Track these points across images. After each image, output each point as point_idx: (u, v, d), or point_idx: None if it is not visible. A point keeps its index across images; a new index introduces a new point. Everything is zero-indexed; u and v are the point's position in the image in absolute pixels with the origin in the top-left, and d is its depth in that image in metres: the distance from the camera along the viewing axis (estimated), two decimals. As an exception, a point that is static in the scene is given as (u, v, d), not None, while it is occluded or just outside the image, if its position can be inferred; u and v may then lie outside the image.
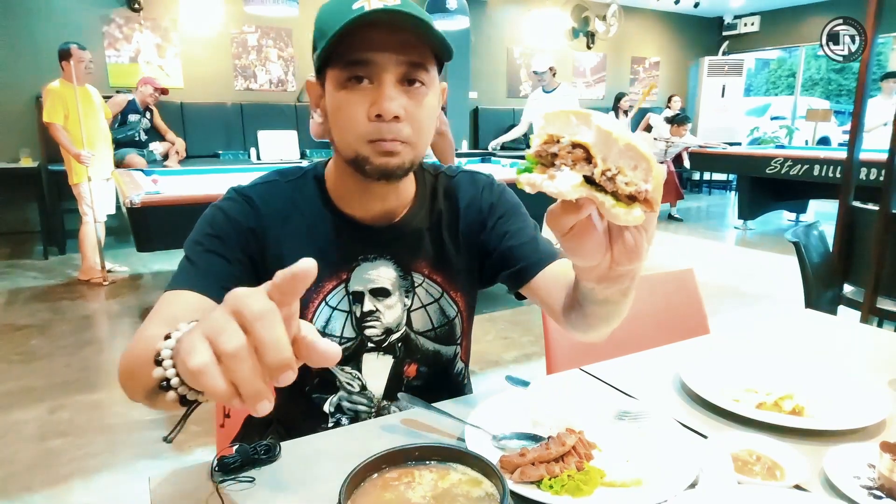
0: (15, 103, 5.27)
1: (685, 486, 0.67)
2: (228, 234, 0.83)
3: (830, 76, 19.73)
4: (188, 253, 0.82)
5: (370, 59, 0.74)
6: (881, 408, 0.86)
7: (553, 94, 5.01)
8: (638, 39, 9.22)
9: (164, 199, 2.38)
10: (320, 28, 0.77)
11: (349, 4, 0.73)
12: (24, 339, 3.22)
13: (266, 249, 0.85)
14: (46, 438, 2.24)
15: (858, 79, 2.58)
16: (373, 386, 0.95)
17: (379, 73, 0.75)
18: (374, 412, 0.96)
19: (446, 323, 0.96)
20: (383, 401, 0.96)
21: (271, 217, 0.86)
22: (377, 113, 0.75)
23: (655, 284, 1.51)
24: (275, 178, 0.90)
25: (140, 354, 0.62)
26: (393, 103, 0.74)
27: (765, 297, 4.19)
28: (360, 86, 0.76)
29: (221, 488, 0.69)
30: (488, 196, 0.97)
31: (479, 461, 0.60)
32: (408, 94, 0.77)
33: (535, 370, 2.19)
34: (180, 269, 0.80)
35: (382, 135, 0.76)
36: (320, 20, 0.78)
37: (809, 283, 2.30)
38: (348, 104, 0.76)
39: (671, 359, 1.09)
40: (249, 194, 0.86)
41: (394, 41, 0.74)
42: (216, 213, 0.85)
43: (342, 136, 0.79)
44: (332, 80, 0.78)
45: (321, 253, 0.85)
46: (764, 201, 6.64)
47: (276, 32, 6.44)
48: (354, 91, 0.76)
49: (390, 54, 0.74)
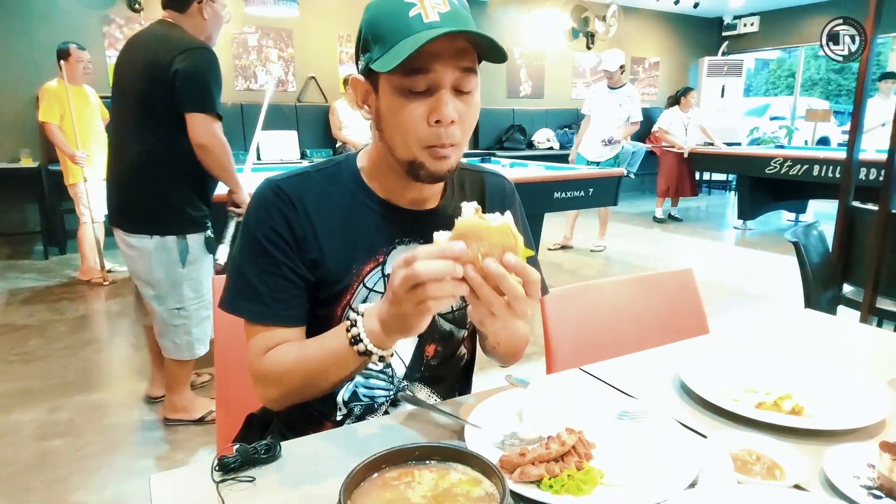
0: (15, 103, 5.26)
1: (685, 486, 0.67)
2: (279, 246, 0.87)
3: (830, 76, 19.73)
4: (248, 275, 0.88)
5: (431, 68, 0.77)
6: (881, 408, 0.86)
7: (618, 91, 5.18)
8: (638, 40, 9.21)
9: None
10: (375, 33, 0.80)
11: (405, 10, 0.77)
12: (23, 339, 3.22)
13: (305, 240, 0.89)
14: (46, 439, 2.24)
15: (858, 79, 2.58)
16: (395, 364, 0.98)
17: (437, 80, 0.78)
18: (392, 394, 0.98)
19: (463, 306, 1.00)
20: (403, 381, 0.98)
21: (305, 209, 0.89)
22: (437, 119, 0.79)
23: (655, 284, 1.51)
24: (307, 171, 0.94)
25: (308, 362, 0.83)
26: (450, 109, 0.79)
27: (765, 297, 4.19)
28: (416, 91, 0.79)
29: (221, 488, 0.69)
30: (510, 203, 1.06)
31: (479, 461, 0.60)
32: (460, 97, 0.81)
33: (535, 370, 2.18)
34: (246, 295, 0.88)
35: (440, 140, 0.81)
36: (374, 24, 0.80)
37: (809, 283, 2.30)
38: (408, 110, 0.80)
39: (671, 359, 1.09)
40: (284, 188, 0.89)
41: (451, 49, 0.78)
42: (259, 226, 0.88)
43: (400, 139, 0.83)
44: (390, 85, 0.80)
45: (359, 237, 0.91)
46: (764, 201, 6.65)
47: (276, 33, 6.44)
48: (413, 98, 0.79)
49: (447, 63, 0.78)
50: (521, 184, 3.64)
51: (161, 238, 2.08)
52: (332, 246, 0.89)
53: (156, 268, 2.12)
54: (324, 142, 6.50)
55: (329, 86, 6.73)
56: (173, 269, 2.12)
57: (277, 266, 0.87)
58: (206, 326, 2.25)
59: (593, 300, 1.42)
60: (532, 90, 8.38)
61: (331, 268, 0.89)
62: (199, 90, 1.98)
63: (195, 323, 2.23)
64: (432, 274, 0.65)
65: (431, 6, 0.77)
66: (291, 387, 0.86)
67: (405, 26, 0.76)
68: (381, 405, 0.98)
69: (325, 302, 0.91)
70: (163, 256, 2.10)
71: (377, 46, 0.79)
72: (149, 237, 2.08)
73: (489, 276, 0.65)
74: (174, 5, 2.11)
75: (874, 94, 6.07)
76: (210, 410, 2.37)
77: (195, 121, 1.98)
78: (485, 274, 0.65)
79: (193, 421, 2.34)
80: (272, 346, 0.87)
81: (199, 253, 2.16)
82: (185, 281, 2.16)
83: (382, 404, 0.98)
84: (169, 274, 2.13)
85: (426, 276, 0.65)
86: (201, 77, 1.99)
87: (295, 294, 0.89)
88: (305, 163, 4.10)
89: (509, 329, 0.96)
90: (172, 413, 2.34)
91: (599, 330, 1.40)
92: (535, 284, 0.68)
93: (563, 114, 8.46)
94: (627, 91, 5.20)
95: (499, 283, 0.66)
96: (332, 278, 0.90)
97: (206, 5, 2.12)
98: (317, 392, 0.86)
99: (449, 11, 0.78)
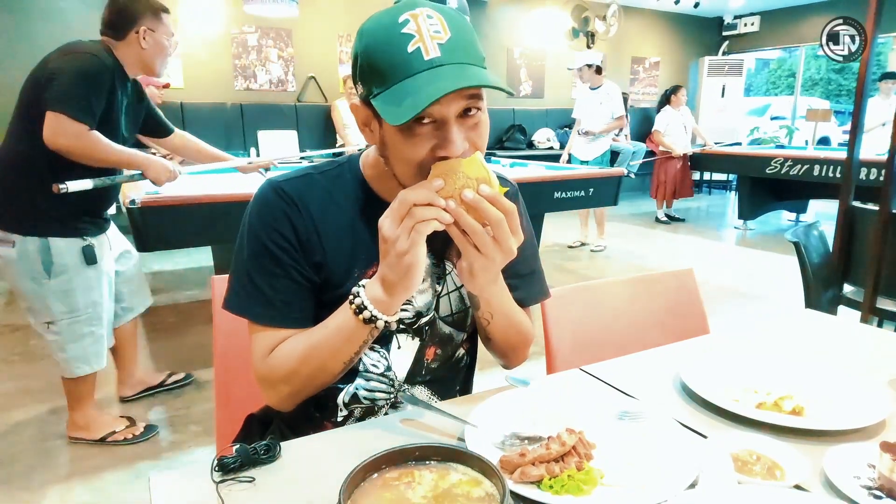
0: (14, 103, 5.26)
1: (685, 486, 0.67)
2: (285, 248, 0.87)
3: (830, 76, 19.72)
4: (253, 276, 0.87)
5: (434, 107, 0.73)
6: (881, 408, 0.86)
7: (598, 91, 5.32)
8: (638, 39, 9.21)
9: (165, 199, 2.38)
10: (373, 67, 0.76)
11: (403, 45, 0.73)
12: (23, 339, 3.22)
13: (309, 242, 0.88)
14: (46, 438, 2.24)
15: (858, 79, 2.58)
16: (397, 367, 0.97)
17: (443, 114, 0.75)
18: (392, 397, 0.98)
19: (463, 310, 1.00)
20: (404, 384, 0.98)
21: (308, 210, 0.89)
22: (444, 155, 0.76)
23: (655, 284, 1.51)
24: (309, 172, 0.93)
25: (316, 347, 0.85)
26: (458, 143, 0.76)
27: (765, 297, 4.19)
28: (422, 125, 0.76)
29: (221, 488, 0.69)
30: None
31: (479, 461, 0.60)
32: (466, 124, 0.78)
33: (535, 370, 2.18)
34: (254, 298, 0.87)
35: None
36: (372, 57, 0.76)
37: (809, 283, 2.30)
38: (413, 145, 0.77)
39: (671, 359, 1.09)
40: (287, 190, 0.89)
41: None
42: (263, 227, 0.88)
43: (406, 169, 0.80)
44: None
45: (361, 242, 0.90)
46: (764, 201, 6.64)
47: (276, 32, 6.44)
48: (418, 132, 0.76)
49: (452, 97, 0.73)
50: (521, 184, 3.64)
51: (22, 240, 1.92)
52: (335, 249, 0.89)
53: (19, 278, 1.97)
54: (324, 142, 6.50)
55: (329, 85, 6.73)
56: (38, 280, 1.96)
57: (284, 268, 0.87)
58: (85, 344, 2.08)
59: (593, 300, 1.42)
60: (532, 90, 8.38)
61: (333, 271, 0.89)
62: (63, 89, 1.83)
63: (69, 339, 2.05)
64: (419, 198, 0.73)
65: (430, 36, 0.73)
66: (302, 378, 0.86)
67: (405, 64, 0.73)
68: (382, 407, 0.98)
69: (327, 305, 0.91)
70: (25, 266, 1.94)
71: (375, 81, 0.76)
72: (10, 246, 1.93)
73: (469, 205, 0.73)
74: (111, 32, 2.00)
75: (874, 94, 6.07)
76: (113, 430, 2.20)
77: (48, 119, 1.81)
78: (466, 206, 0.73)
79: (95, 441, 2.18)
80: (277, 346, 0.88)
81: (71, 262, 1.99)
82: (53, 294, 1.98)
83: (383, 407, 0.98)
84: (34, 285, 1.97)
85: (413, 199, 0.73)
86: (69, 76, 1.84)
87: (302, 296, 0.89)
88: (305, 163, 4.10)
89: (499, 292, 0.91)
90: (73, 431, 2.21)
91: (599, 330, 1.39)
92: (512, 214, 0.75)
93: (563, 113, 8.46)
94: (606, 89, 5.33)
95: (479, 211, 0.73)
96: (333, 282, 0.90)
97: (146, 34, 2.01)
98: (327, 377, 0.87)
99: (449, 40, 0.74)
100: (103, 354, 2.17)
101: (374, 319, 0.80)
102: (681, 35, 9.70)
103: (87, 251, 2.02)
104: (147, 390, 2.59)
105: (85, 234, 2.04)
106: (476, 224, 0.74)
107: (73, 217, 2.00)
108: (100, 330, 2.13)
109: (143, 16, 2.01)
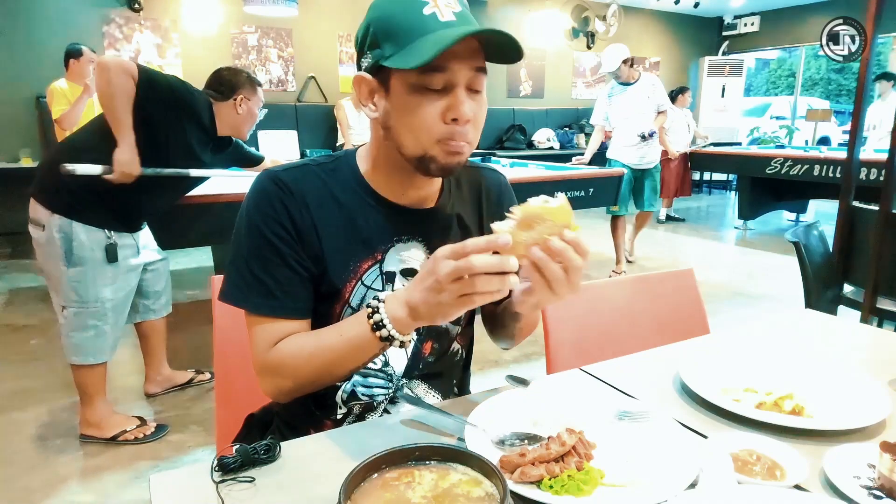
0: (15, 103, 5.26)
1: (685, 486, 0.67)
2: (284, 238, 0.87)
3: (830, 76, 19.73)
4: (253, 268, 0.87)
5: (448, 67, 0.78)
6: (881, 408, 0.86)
7: (639, 85, 4.55)
8: (638, 39, 9.21)
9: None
10: (387, 31, 0.79)
11: (419, 8, 0.78)
12: (23, 339, 3.22)
13: (306, 232, 0.88)
14: (46, 438, 2.24)
15: (858, 79, 2.58)
16: (394, 362, 0.97)
17: (453, 79, 0.79)
18: (391, 392, 0.98)
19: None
20: (402, 378, 0.98)
21: (305, 202, 0.89)
22: (454, 117, 0.80)
23: (655, 284, 1.51)
24: (307, 164, 0.93)
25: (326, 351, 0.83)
26: (467, 107, 0.80)
27: (765, 297, 4.19)
28: (433, 90, 0.79)
29: (221, 488, 0.69)
30: (508, 199, 1.07)
31: (479, 461, 0.60)
32: (472, 96, 0.82)
33: (535, 370, 2.19)
34: (254, 288, 0.86)
35: (455, 137, 0.81)
36: (386, 22, 0.80)
37: (809, 283, 2.30)
38: (423, 108, 0.80)
39: (671, 359, 1.09)
40: (284, 180, 0.89)
41: (467, 49, 0.79)
42: (262, 218, 0.87)
43: (413, 136, 0.82)
44: (403, 83, 0.80)
45: (358, 234, 0.91)
46: (764, 201, 6.64)
47: (276, 32, 6.45)
48: (428, 95, 0.79)
49: (463, 63, 0.79)
50: (521, 184, 3.65)
51: (49, 219, 2.04)
52: (331, 241, 0.89)
53: (45, 259, 2.08)
54: (324, 142, 6.50)
55: (329, 86, 6.73)
56: (58, 265, 2.05)
57: (283, 258, 0.87)
58: (88, 336, 2.12)
59: (593, 300, 1.42)
60: (532, 90, 8.39)
61: (329, 263, 0.89)
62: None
63: (73, 328, 2.12)
64: (486, 267, 0.67)
65: (445, 4, 0.79)
66: (306, 377, 0.86)
67: (421, 24, 0.77)
68: (381, 403, 0.98)
69: (324, 297, 0.90)
70: (51, 250, 2.05)
71: (389, 44, 0.79)
72: (41, 230, 2.06)
73: (555, 253, 0.71)
74: (215, 90, 2.25)
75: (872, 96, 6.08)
76: (124, 430, 2.22)
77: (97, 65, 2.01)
78: (550, 252, 0.71)
79: (106, 440, 2.20)
80: (279, 338, 0.87)
81: (90, 256, 2.06)
82: (68, 281, 2.07)
83: (381, 402, 0.98)
84: (55, 269, 2.07)
85: (481, 269, 0.67)
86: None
87: (301, 286, 0.89)
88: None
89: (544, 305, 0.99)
90: (85, 429, 2.22)
91: (599, 330, 1.39)
92: (586, 253, 0.73)
93: (563, 113, 8.47)
94: (648, 80, 4.58)
95: (562, 259, 0.71)
96: (330, 274, 0.89)
97: (242, 102, 2.26)
98: (331, 380, 0.87)
99: (462, 11, 0.80)
100: (105, 350, 2.19)
101: (390, 339, 0.78)
102: (681, 35, 9.70)
103: (110, 249, 2.11)
104: (173, 388, 2.61)
105: (110, 228, 2.11)
106: (560, 272, 0.72)
107: (99, 207, 2.08)
108: (104, 326, 2.15)
109: (243, 87, 2.27)
